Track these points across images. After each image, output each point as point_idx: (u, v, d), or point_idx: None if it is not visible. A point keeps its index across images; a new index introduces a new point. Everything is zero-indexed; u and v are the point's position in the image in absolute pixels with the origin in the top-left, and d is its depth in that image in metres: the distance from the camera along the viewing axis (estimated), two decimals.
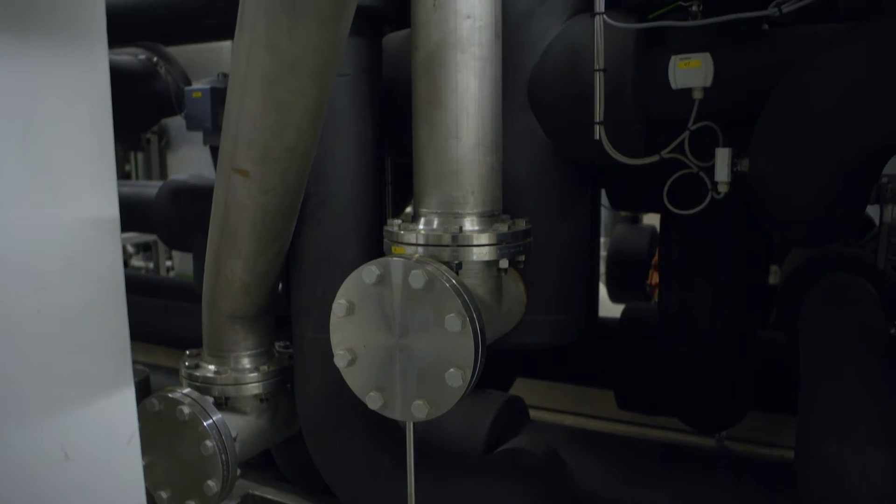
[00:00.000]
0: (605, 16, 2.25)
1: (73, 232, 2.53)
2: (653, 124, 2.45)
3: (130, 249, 9.50)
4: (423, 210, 2.28)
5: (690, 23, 2.23)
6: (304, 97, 2.05)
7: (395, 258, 2.04)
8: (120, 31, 4.01)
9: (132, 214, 4.35)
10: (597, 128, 2.29)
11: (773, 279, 4.80)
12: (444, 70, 2.17)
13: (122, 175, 8.83)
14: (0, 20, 2.25)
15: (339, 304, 2.10)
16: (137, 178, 8.39)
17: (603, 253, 5.19)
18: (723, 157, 2.31)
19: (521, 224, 2.34)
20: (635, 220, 5.43)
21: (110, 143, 2.60)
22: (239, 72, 2.07)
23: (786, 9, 2.08)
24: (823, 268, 3.06)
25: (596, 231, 3.30)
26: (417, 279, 1.96)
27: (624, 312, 3.85)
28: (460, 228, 2.18)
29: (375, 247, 2.64)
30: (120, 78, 2.59)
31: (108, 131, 2.57)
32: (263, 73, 2.00)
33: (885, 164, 2.30)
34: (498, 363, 2.71)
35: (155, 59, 4.68)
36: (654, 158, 2.36)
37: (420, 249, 2.20)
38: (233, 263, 2.57)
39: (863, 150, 2.11)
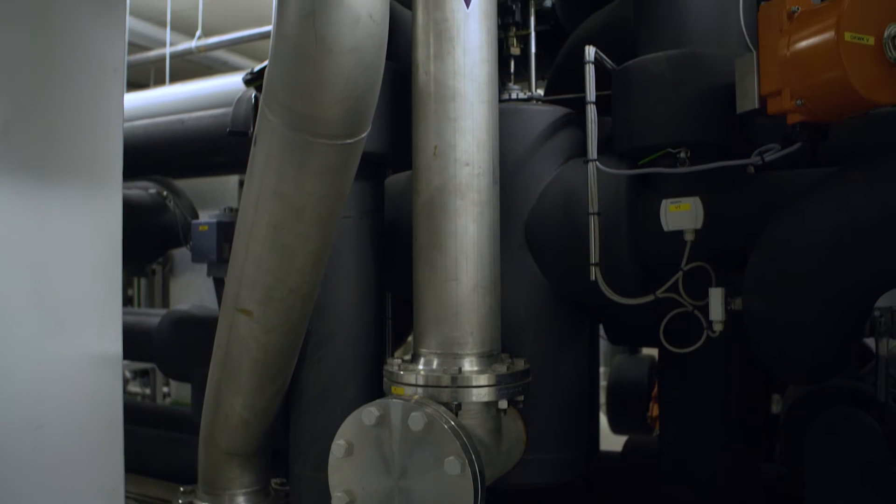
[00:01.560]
0: (597, 162, 2.36)
1: (76, 370, 2.57)
2: (647, 264, 2.52)
3: (128, 374, 9.42)
4: (423, 350, 2.31)
5: (679, 170, 2.34)
6: (309, 241, 2.13)
7: (394, 400, 2.06)
8: (133, 165, 4.19)
9: (133, 344, 4.35)
10: (592, 269, 2.35)
11: (775, 408, 4.75)
12: (444, 214, 2.25)
13: (125, 300, 8.87)
14: (22, 164, 2.38)
15: (338, 445, 2.09)
16: (140, 303, 8.45)
17: (603, 383, 5.17)
18: (716, 296, 2.35)
19: (520, 364, 2.37)
20: (634, 350, 5.43)
21: (119, 282, 2.68)
22: (246, 217, 2.15)
23: (768, 157, 2.19)
24: (824, 402, 3.05)
25: (595, 365, 3.31)
26: (417, 421, 1.97)
27: (625, 446, 3.80)
28: (460, 369, 2.20)
29: (376, 383, 2.64)
30: (130, 212, 2.69)
31: (117, 272, 2.66)
32: (270, 219, 2.08)
33: (877, 300, 2.35)
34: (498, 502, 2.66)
35: (164, 192, 4.84)
36: (650, 298, 2.41)
37: (419, 390, 2.21)
38: (233, 400, 2.57)
39: (854, 289, 2.16)
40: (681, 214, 2.34)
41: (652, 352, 5.09)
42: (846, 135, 2.32)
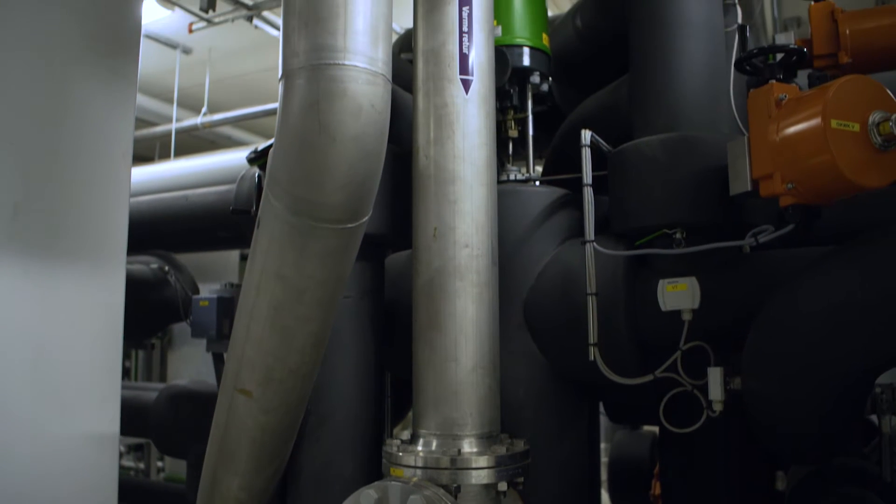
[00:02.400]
0: (594, 243, 2.39)
1: (73, 449, 2.56)
2: (646, 344, 2.53)
3: (122, 448, 9.29)
4: (422, 431, 2.30)
5: (675, 251, 2.37)
6: (310, 323, 2.15)
7: (392, 482, 2.04)
8: (136, 240, 4.25)
9: (129, 419, 4.32)
10: (591, 349, 2.37)
11: (780, 485, 4.66)
12: (444, 295, 2.28)
13: (122, 372, 8.82)
14: (28, 245, 2.43)
15: None
16: (137, 376, 8.40)
17: (604, 459, 5.09)
18: (715, 376, 2.36)
19: (520, 445, 2.35)
20: (636, 426, 5.37)
21: (119, 361, 2.69)
22: (248, 299, 2.17)
23: (762, 239, 2.23)
24: (829, 481, 3.01)
25: (595, 443, 3.27)
26: None
27: None
28: (459, 451, 2.19)
29: (374, 463, 2.62)
30: (131, 287, 2.72)
31: (117, 351, 2.67)
32: (271, 301, 2.11)
33: (876, 378, 2.35)
34: None
35: (166, 267, 4.88)
36: (649, 378, 2.41)
37: (419, 472, 2.19)
38: (229, 481, 2.54)
39: (851, 369, 2.16)
40: (678, 294, 2.37)
41: (654, 427, 5.04)
42: (842, 212, 2.36)
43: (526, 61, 2.87)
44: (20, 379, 2.43)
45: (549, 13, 3.41)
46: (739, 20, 2.96)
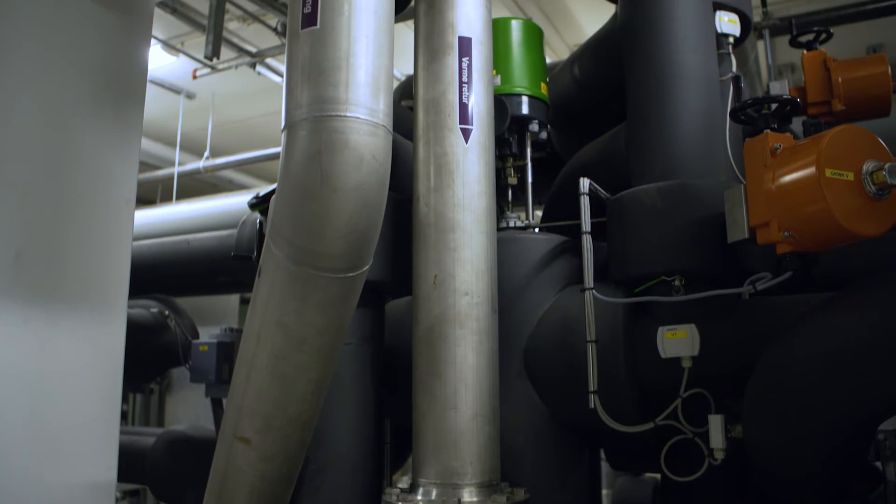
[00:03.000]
0: (594, 290, 2.41)
1: (69, 497, 2.54)
2: (646, 391, 2.52)
3: (117, 494, 9.16)
4: (422, 480, 2.29)
5: (674, 298, 2.38)
6: (310, 371, 2.15)
7: None
8: (137, 284, 4.27)
9: (126, 464, 4.28)
10: (591, 397, 2.36)
11: None
12: (444, 343, 2.28)
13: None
14: (30, 291, 2.44)
15: None
16: (134, 420, 8.33)
17: None
18: (716, 424, 2.35)
19: (521, 494, 2.33)
20: (637, 473, 5.33)
21: (118, 409, 2.68)
22: (248, 347, 2.18)
23: (760, 286, 2.24)
24: None
25: (597, 490, 3.24)
26: None
27: None
28: (459, 500, 2.17)
29: None
30: (131, 332, 2.73)
31: (116, 398, 2.67)
32: (272, 349, 2.11)
33: (879, 425, 2.34)
34: None
35: (166, 311, 4.88)
36: (649, 426, 2.40)
37: None
38: None
39: (851, 416, 2.16)
40: (677, 342, 2.37)
41: (656, 473, 4.99)
42: (841, 256, 2.37)
43: (525, 110, 2.92)
44: (17, 426, 2.42)
45: (548, 60, 3.48)
46: (734, 69, 3.01)
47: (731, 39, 3.03)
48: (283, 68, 6.17)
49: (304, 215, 1.93)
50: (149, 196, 9.59)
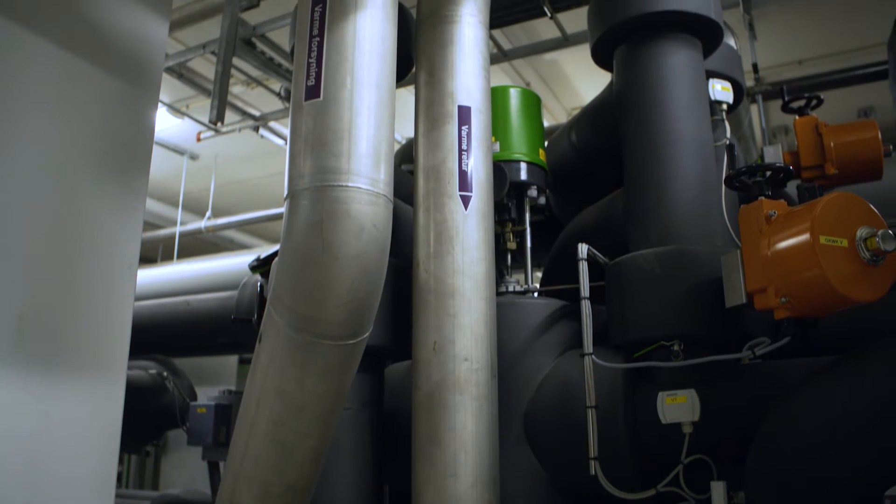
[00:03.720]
0: (593, 356, 2.41)
1: None
2: (647, 456, 2.50)
3: None
4: None
5: (673, 363, 2.39)
6: (309, 438, 2.14)
7: None
8: (137, 344, 4.28)
9: None
10: (592, 463, 2.34)
11: None
12: (444, 410, 2.28)
13: None
14: (31, 355, 2.44)
15: None
16: (128, 482, 8.21)
17: None
18: (718, 491, 2.32)
19: None
20: None
21: (114, 474, 2.65)
22: (247, 413, 2.17)
23: (759, 352, 2.25)
24: None
25: None
26: None
27: None
28: None
29: None
30: (130, 393, 2.71)
31: (113, 463, 2.64)
32: (271, 416, 2.10)
33: (885, 491, 2.31)
34: None
35: (164, 373, 4.86)
36: (651, 493, 2.38)
37: None
38: None
39: (856, 484, 2.13)
40: (677, 407, 2.37)
41: None
42: (840, 319, 2.37)
43: (523, 176, 2.97)
44: (14, 490, 2.39)
45: (546, 124, 3.55)
46: (728, 135, 3.08)
47: (724, 106, 3.11)
48: (285, 131, 6.30)
49: (306, 283, 1.95)
50: (150, 255, 9.64)
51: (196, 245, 9.30)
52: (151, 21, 2.99)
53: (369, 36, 2.11)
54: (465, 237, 2.41)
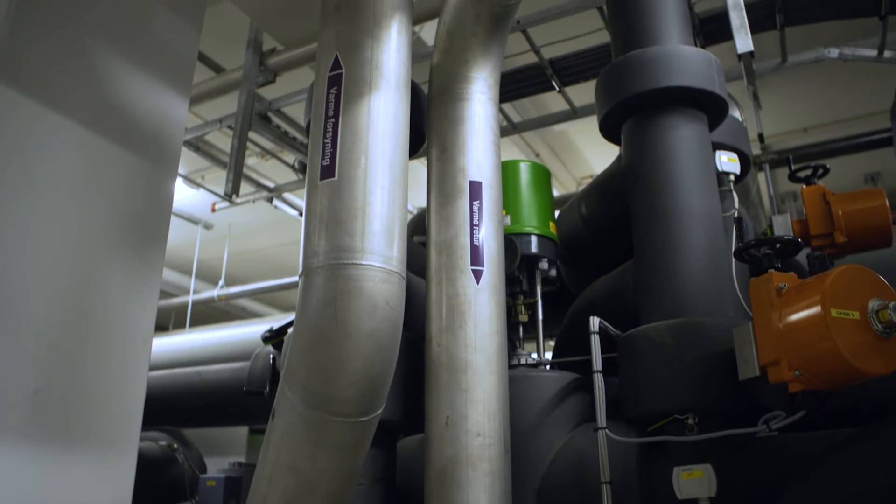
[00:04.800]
0: (607, 430, 2.39)
1: None
2: None
3: None
4: None
5: (688, 437, 2.36)
6: None
7: None
8: (148, 415, 4.27)
9: None
10: None
11: None
12: (456, 486, 2.26)
13: None
14: (43, 429, 2.44)
15: None
16: None
17: None
18: None
19: None
20: None
21: None
22: (259, 490, 2.16)
23: (775, 426, 2.23)
24: None
25: None
26: None
27: None
28: None
29: None
30: (139, 466, 2.70)
31: None
32: (283, 493, 2.09)
33: None
34: None
35: (174, 445, 4.83)
36: None
37: None
38: None
39: None
40: (693, 482, 2.33)
41: None
42: (857, 390, 2.35)
43: (534, 249, 3.00)
44: None
45: (556, 193, 3.60)
46: (736, 205, 3.11)
47: (731, 177, 3.15)
48: (298, 202, 6.40)
49: (320, 360, 1.97)
50: (162, 322, 9.67)
51: (209, 313, 9.34)
52: (172, 101, 3.09)
53: (383, 117, 2.18)
54: (477, 311, 2.42)
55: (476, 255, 2.49)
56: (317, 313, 1.98)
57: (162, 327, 9.35)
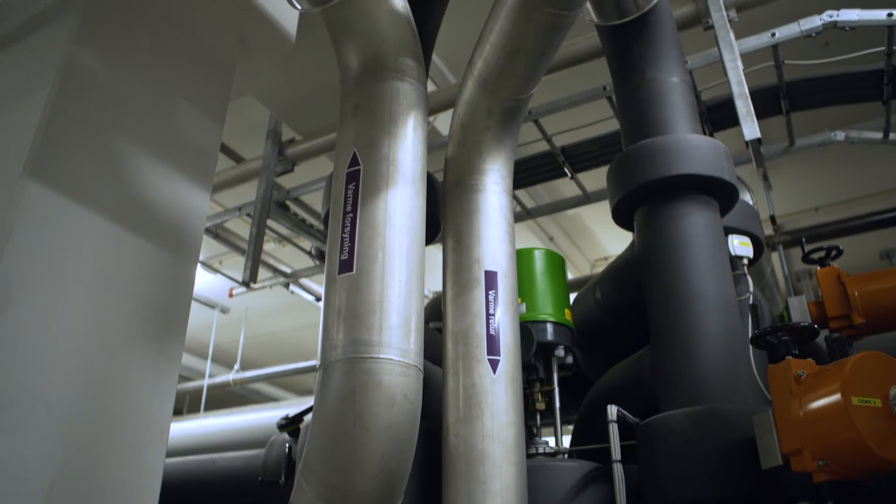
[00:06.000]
0: None
1: None
2: None
3: None
4: None
5: None
6: None
7: None
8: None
9: None
10: None
11: None
12: None
13: None
14: None
15: None
16: None
17: None
18: None
19: None
20: None
21: None
22: None
23: None
24: None
25: None
26: None
27: None
28: None
29: None
30: None
31: None
32: None
33: None
34: None
35: None
36: None
37: None
38: None
39: None
40: None
41: None
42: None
43: (550, 336, 3.01)
44: None
45: (570, 276, 3.62)
46: (751, 289, 3.12)
47: (745, 261, 3.17)
48: (314, 286, 6.46)
49: (337, 454, 1.96)
50: (177, 406, 9.62)
51: (223, 396, 9.30)
52: (194, 193, 3.18)
53: (400, 211, 2.24)
54: (494, 401, 2.42)
55: (492, 345, 2.50)
56: (334, 407, 1.99)
57: (177, 411, 9.31)
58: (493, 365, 2.46)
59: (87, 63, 2.83)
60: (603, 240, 7.16)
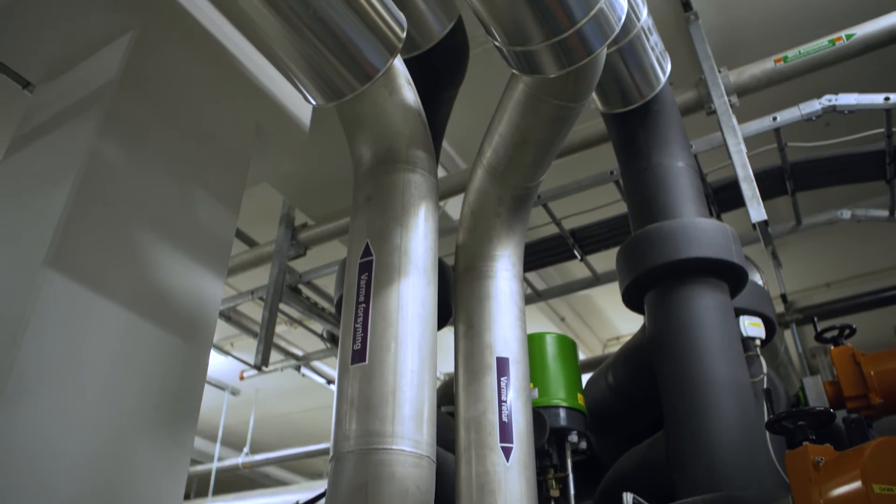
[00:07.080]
0: None
1: None
2: None
3: None
4: None
5: None
6: None
7: None
8: None
9: None
10: None
11: None
12: None
13: None
14: None
15: None
16: None
17: None
18: None
19: None
20: None
21: None
22: None
23: None
24: None
25: None
26: None
27: None
28: None
29: None
30: None
31: None
32: None
33: None
34: None
35: None
36: None
37: None
38: None
39: None
40: None
41: None
42: None
43: (563, 422, 3.00)
44: None
45: (581, 356, 3.61)
46: (764, 370, 3.11)
47: (757, 342, 3.16)
48: (326, 369, 6.44)
49: None
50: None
51: (232, 479, 9.15)
52: (209, 281, 3.23)
53: (412, 301, 2.27)
54: (507, 490, 2.39)
55: (505, 432, 2.49)
56: (347, 498, 1.97)
57: (184, 495, 9.15)
58: (507, 452, 2.44)
59: (110, 156, 2.93)
60: (614, 319, 7.15)
